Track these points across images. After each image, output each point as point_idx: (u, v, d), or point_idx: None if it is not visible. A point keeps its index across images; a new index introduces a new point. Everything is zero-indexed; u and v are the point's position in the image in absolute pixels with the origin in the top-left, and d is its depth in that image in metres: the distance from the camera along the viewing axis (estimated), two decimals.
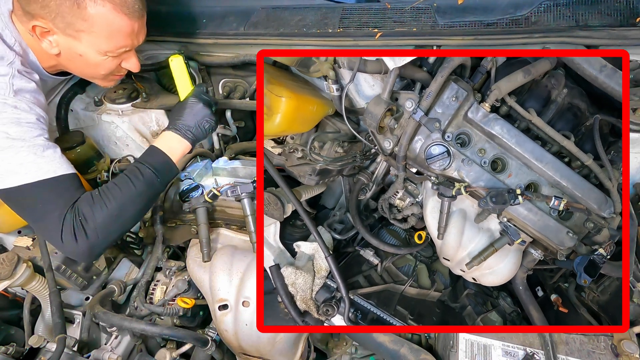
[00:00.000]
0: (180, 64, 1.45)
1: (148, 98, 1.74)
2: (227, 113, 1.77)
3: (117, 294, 1.53)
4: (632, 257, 1.27)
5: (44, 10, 1.16)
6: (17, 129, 1.16)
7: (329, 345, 1.55)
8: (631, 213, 1.28)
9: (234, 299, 1.36)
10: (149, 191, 1.29)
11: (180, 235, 1.61)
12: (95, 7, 1.18)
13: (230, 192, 1.46)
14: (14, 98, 1.17)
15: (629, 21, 1.18)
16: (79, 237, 1.17)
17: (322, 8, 1.43)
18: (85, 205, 1.19)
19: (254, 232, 1.42)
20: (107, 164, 1.76)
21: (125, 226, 1.30)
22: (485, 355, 1.18)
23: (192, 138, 1.38)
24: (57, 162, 1.21)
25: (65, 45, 1.26)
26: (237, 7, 1.53)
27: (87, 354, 1.38)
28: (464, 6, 1.30)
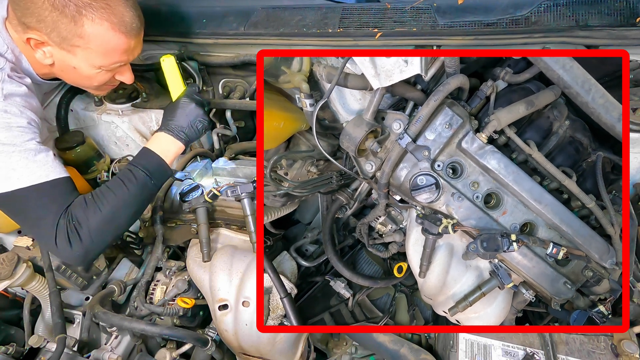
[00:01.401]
0: (171, 64, 1.44)
1: (148, 98, 1.74)
2: (227, 113, 1.77)
3: (117, 294, 1.53)
4: (632, 257, 1.27)
5: (40, 24, 1.16)
6: (7, 133, 1.15)
7: (329, 345, 1.55)
8: (631, 213, 1.28)
9: (234, 299, 1.36)
10: (143, 194, 1.29)
11: (180, 235, 1.61)
12: (93, 26, 1.18)
13: (230, 192, 1.46)
14: (3, 102, 1.16)
15: (629, 21, 1.18)
16: (73, 241, 1.17)
17: (322, 8, 1.43)
18: (78, 209, 1.19)
19: (254, 232, 1.42)
20: (107, 164, 1.77)
21: (120, 229, 1.30)
22: (485, 355, 1.18)
23: (185, 139, 1.37)
24: (50, 166, 1.21)
25: (59, 57, 1.26)
26: (237, 7, 1.53)
27: (87, 354, 1.38)
28: (464, 6, 1.30)
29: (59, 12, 1.13)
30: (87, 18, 1.16)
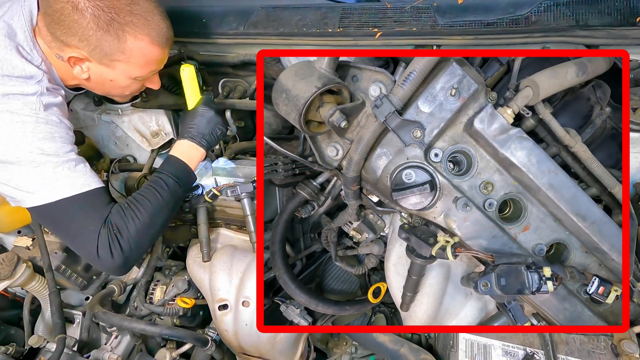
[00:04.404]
0: (191, 73, 1.46)
1: (148, 98, 1.73)
2: (227, 113, 1.77)
3: (117, 294, 1.53)
4: (632, 257, 1.27)
5: (83, 42, 1.17)
6: (51, 144, 1.17)
7: (329, 345, 1.55)
8: (631, 213, 1.28)
9: (234, 298, 1.36)
10: (174, 199, 1.31)
11: (180, 235, 1.61)
12: (135, 42, 1.19)
13: (230, 192, 1.46)
14: (45, 112, 1.18)
15: (629, 21, 1.18)
16: (114, 251, 1.18)
17: (322, 8, 1.43)
18: (117, 218, 1.21)
19: (253, 232, 1.42)
20: (107, 164, 1.77)
21: (155, 236, 1.32)
22: (485, 355, 1.18)
23: (206, 145, 1.41)
24: (89, 176, 1.23)
25: (97, 72, 1.27)
26: (236, 6, 1.53)
27: (87, 354, 1.38)
28: (464, 6, 1.30)
29: (104, 31, 1.15)
30: (130, 34, 1.18)
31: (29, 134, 1.15)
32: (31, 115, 1.15)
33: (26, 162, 1.15)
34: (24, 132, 1.14)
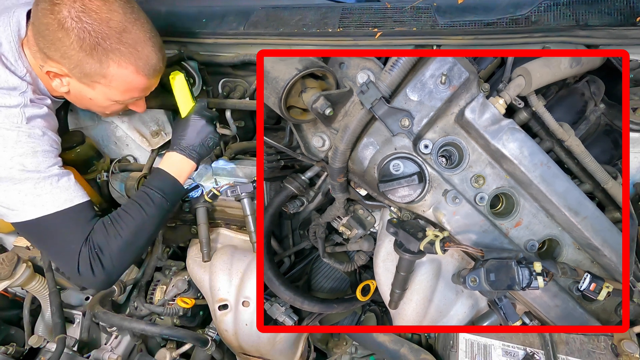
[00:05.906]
0: (181, 81, 1.45)
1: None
2: (227, 113, 1.77)
3: (117, 294, 1.53)
4: (632, 257, 1.27)
5: (64, 59, 1.15)
6: (32, 160, 1.16)
7: (329, 345, 1.55)
8: (631, 213, 1.28)
9: (234, 298, 1.36)
10: (160, 215, 1.30)
11: (180, 235, 1.61)
12: (118, 69, 1.17)
13: (230, 192, 1.46)
14: (27, 125, 1.16)
15: (629, 21, 1.18)
16: (95, 268, 1.18)
17: (322, 8, 1.43)
18: (99, 236, 1.20)
19: (253, 232, 1.42)
20: (107, 164, 1.77)
21: (139, 252, 1.31)
22: (485, 355, 1.18)
23: (197, 157, 1.38)
24: (73, 191, 1.21)
25: (77, 88, 1.25)
26: (236, 6, 1.53)
27: (87, 354, 1.39)
28: (464, 6, 1.30)
29: (86, 53, 1.13)
30: (114, 61, 1.16)
31: (9, 149, 1.12)
32: (12, 129, 1.13)
33: (6, 179, 1.13)
34: (4, 147, 1.12)
